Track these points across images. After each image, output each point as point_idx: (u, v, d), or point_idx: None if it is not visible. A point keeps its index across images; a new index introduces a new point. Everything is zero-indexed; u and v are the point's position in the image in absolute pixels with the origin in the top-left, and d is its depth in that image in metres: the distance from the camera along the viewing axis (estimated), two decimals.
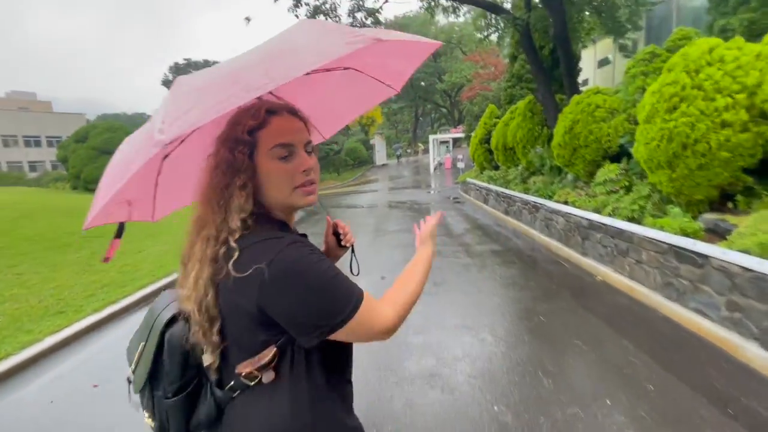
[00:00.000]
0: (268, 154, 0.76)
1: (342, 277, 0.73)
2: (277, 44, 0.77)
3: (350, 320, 0.70)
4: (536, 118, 8.74)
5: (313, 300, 0.69)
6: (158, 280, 4.97)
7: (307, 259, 0.70)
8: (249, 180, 0.75)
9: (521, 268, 5.12)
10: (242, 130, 0.75)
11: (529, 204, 7.30)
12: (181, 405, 0.80)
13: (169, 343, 0.79)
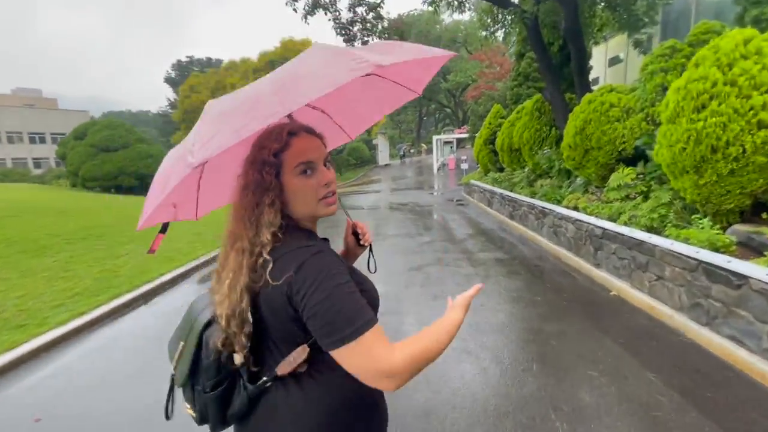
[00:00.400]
0: (293, 172, 0.85)
1: (358, 297, 0.78)
2: (290, 71, 0.86)
3: (356, 338, 0.74)
4: (544, 118, 8.33)
5: (328, 308, 0.74)
6: (136, 288, 4.63)
7: (331, 265, 0.79)
8: (276, 197, 0.84)
9: (528, 280, 4.72)
10: (268, 153, 0.84)
11: (536, 209, 6.89)
12: (218, 398, 0.87)
13: (207, 342, 0.86)
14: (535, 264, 5.39)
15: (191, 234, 7.53)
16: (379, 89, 1.24)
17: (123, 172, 19.23)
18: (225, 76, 29.45)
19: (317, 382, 0.83)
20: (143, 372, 3.05)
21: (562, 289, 4.35)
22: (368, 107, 1.38)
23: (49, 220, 7.92)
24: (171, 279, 5.12)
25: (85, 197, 15.22)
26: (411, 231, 8.03)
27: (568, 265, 5.24)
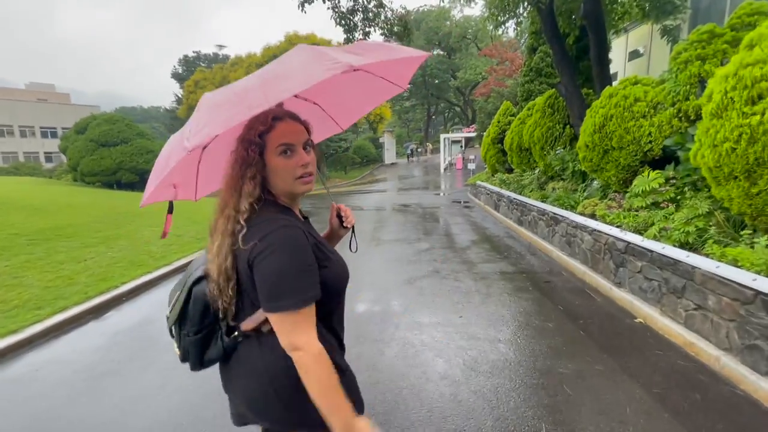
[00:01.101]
0: (274, 152, 0.98)
1: (308, 276, 0.92)
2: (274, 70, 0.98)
3: (285, 311, 0.89)
4: (557, 115, 7.62)
5: (275, 276, 0.89)
6: (88, 300, 4.09)
7: (291, 241, 0.92)
8: (258, 172, 0.98)
9: (537, 300, 4.06)
10: (254, 133, 0.97)
11: (547, 214, 6.21)
12: (198, 343, 1.04)
13: (194, 296, 1.03)
14: (545, 279, 4.72)
15: (170, 236, 6.99)
16: (367, 84, 1.34)
17: (122, 168, 18.90)
18: (230, 72, 29.05)
19: (275, 342, 0.92)
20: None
21: (577, 313, 3.68)
22: (358, 100, 1.46)
23: (19, 218, 7.45)
24: (134, 288, 4.57)
25: (79, 192, 14.86)
26: (410, 236, 7.39)
27: (584, 281, 4.57)
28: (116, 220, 8.24)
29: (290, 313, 0.88)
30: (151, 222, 8.19)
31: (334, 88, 1.30)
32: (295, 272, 0.90)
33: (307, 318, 0.91)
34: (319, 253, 0.99)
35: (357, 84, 1.33)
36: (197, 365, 1.06)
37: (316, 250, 0.98)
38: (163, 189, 1.14)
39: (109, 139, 19.22)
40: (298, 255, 0.91)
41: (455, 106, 42.62)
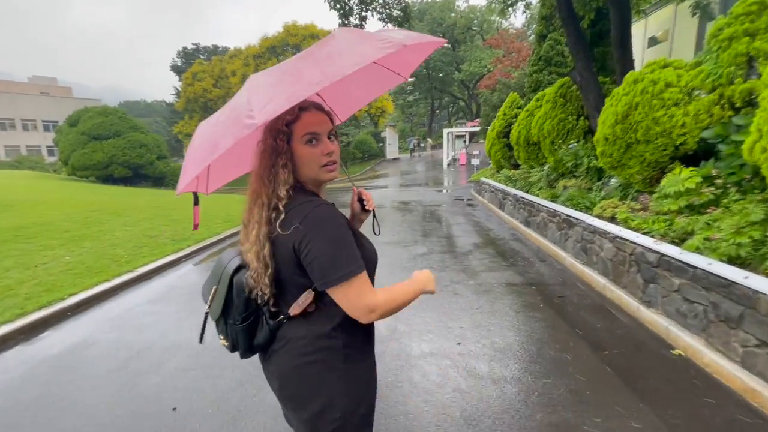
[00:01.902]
0: (300, 141, 1.02)
1: (354, 246, 0.97)
2: (322, 50, 0.97)
3: (348, 279, 0.93)
4: (570, 105, 6.92)
5: (328, 250, 0.93)
6: (23, 316, 3.49)
7: (331, 217, 0.97)
8: (288, 161, 1.01)
9: (550, 321, 3.41)
10: (282, 123, 1.00)
11: (559, 216, 5.54)
12: (246, 329, 1.06)
13: (236, 285, 1.05)
14: (558, 293, 4.07)
15: (144, 237, 6.40)
16: (370, 74, 1.31)
17: (114, 162, 18.36)
18: (228, 64, 28.38)
19: (322, 313, 1.02)
20: None
21: (600, 340, 3.04)
22: (359, 91, 1.47)
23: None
24: (82, 301, 3.98)
25: (65, 187, 14.33)
26: (406, 238, 6.75)
27: (603, 296, 3.91)
28: (91, 217, 7.67)
29: (354, 279, 0.94)
30: (127, 220, 7.61)
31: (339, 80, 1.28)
32: (344, 243, 0.96)
33: (366, 282, 0.97)
34: (355, 235, 1.04)
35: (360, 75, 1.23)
36: (247, 352, 1.10)
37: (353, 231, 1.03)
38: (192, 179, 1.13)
39: (101, 132, 18.66)
40: (340, 229, 0.98)
41: (459, 100, 41.71)
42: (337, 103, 1.42)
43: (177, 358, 2.94)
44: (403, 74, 1.39)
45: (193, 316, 3.69)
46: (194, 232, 6.83)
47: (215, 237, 6.83)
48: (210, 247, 6.46)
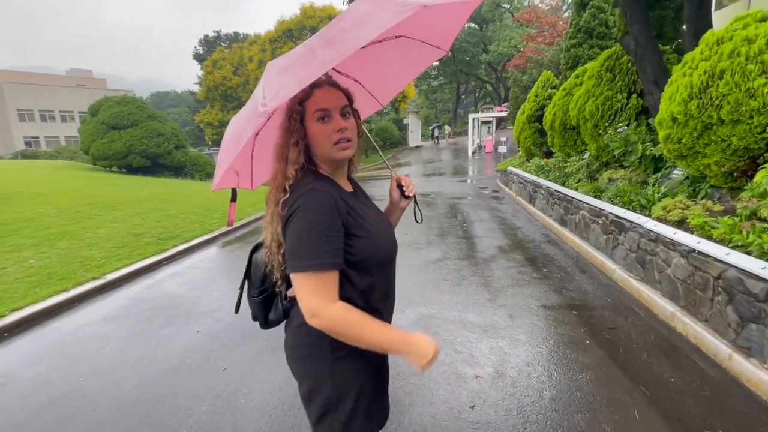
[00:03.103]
0: (312, 118, 0.98)
1: (329, 241, 0.91)
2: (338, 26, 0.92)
3: (304, 271, 0.89)
4: (620, 81, 5.74)
5: (298, 236, 0.91)
6: None
7: (316, 204, 0.92)
8: (300, 139, 0.99)
9: (602, 369, 2.48)
10: (294, 101, 0.99)
11: (605, 216, 4.50)
12: (261, 303, 1.13)
13: (254, 262, 1.12)
14: (608, 322, 3.10)
15: (128, 235, 5.83)
16: (407, 51, 1.28)
17: (132, 151, 18.28)
18: (247, 50, 27.84)
19: None
20: None
21: (680, 410, 2.09)
22: (398, 70, 1.41)
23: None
24: (26, 318, 3.37)
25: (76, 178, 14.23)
26: (419, 239, 5.87)
27: (674, 331, 2.93)
28: (82, 212, 7.22)
29: (306, 275, 0.90)
30: (118, 215, 7.11)
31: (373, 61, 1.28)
32: (317, 234, 0.91)
33: (324, 284, 0.90)
34: (353, 222, 0.98)
35: (397, 52, 1.28)
36: (263, 324, 1.16)
37: (350, 218, 0.97)
38: (229, 175, 1.15)
39: (119, 122, 18.60)
40: (322, 218, 0.92)
41: (486, 83, 39.67)
42: (377, 86, 1.40)
43: (95, 413, 2.24)
44: (442, 47, 1.31)
45: (144, 343, 3.01)
46: (184, 231, 6.24)
47: (207, 235, 6.19)
48: (198, 247, 5.82)
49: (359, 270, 0.98)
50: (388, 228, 1.12)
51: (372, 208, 1.14)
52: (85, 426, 2.15)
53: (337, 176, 1.07)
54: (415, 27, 1.18)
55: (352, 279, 0.98)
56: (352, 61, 1.09)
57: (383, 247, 1.04)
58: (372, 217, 1.06)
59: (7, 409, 2.31)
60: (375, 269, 1.03)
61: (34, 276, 4.10)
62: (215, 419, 2.15)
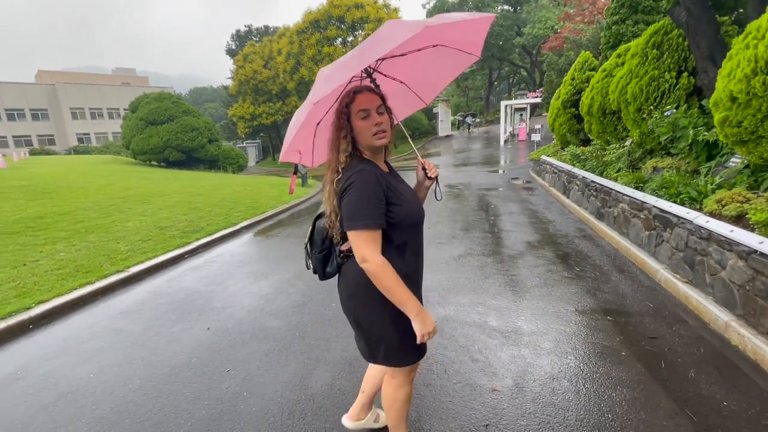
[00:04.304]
0: (356, 117, 1.33)
1: (374, 207, 1.26)
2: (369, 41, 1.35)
3: (357, 229, 1.24)
4: (668, 58, 5.15)
5: (351, 203, 1.26)
6: None
7: (362, 180, 1.27)
8: (348, 133, 1.34)
9: (640, 388, 2.18)
10: (343, 105, 1.34)
11: (648, 210, 4.06)
12: (320, 260, 1.51)
13: (317, 227, 1.51)
14: (649, 331, 2.75)
15: (154, 228, 5.95)
16: (444, 57, 1.65)
17: (168, 146, 19.01)
18: (276, 43, 28.05)
19: None
20: None
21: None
22: (438, 73, 1.76)
23: (12, 204, 6.97)
24: (51, 310, 3.46)
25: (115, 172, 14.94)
26: (442, 232, 5.61)
27: (727, 343, 2.55)
28: (115, 205, 7.50)
29: (360, 231, 1.24)
30: (147, 209, 7.32)
31: (416, 65, 1.63)
32: (365, 202, 1.25)
33: (373, 238, 1.25)
34: (391, 194, 1.32)
35: (436, 58, 1.63)
36: (322, 276, 1.53)
37: (389, 191, 1.32)
38: (291, 152, 1.56)
39: (156, 117, 19.36)
40: (368, 190, 1.26)
41: (521, 68, 37.96)
42: (421, 88, 1.77)
43: (98, 412, 2.21)
44: (474, 53, 1.68)
45: (155, 340, 2.99)
46: (208, 224, 6.31)
47: (230, 228, 6.23)
48: (219, 241, 5.86)
49: (396, 230, 1.34)
50: (416, 198, 1.47)
51: (403, 183, 1.47)
52: (88, 425, 2.13)
53: (376, 159, 1.41)
54: (449, 38, 1.56)
55: (391, 237, 1.34)
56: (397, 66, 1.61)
57: (413, 211, 1.39)
58: (405, 190, 1.42)
59: (19, 405, 2.33)
60: (408, 229, 1.39)
61: (62, 269, 4.25)
62: (212, 426, 2.06)
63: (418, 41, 1.48)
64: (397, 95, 1.65)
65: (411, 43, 1.46)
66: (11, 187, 8.98)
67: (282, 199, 8.78)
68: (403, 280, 1.27)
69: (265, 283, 4.07)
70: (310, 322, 3.16)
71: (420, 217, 1.43)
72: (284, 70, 25.69)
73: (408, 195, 1.40)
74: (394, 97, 1.53)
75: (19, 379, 2.58)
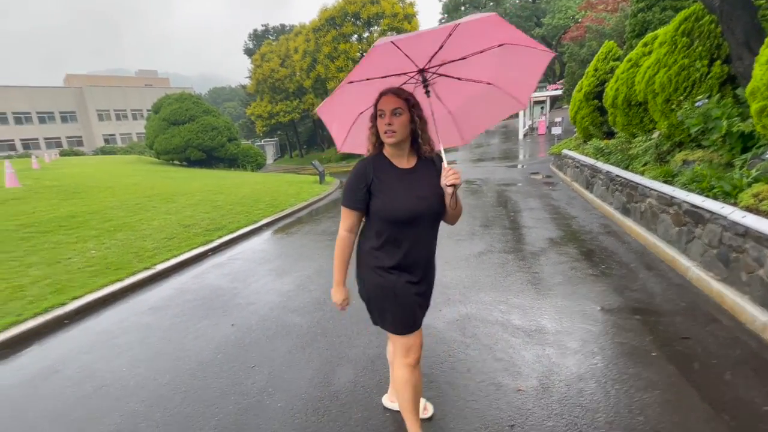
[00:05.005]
0: (378, 115, 1.50)
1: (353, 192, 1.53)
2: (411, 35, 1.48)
3: (342, 206, 1.56)
4: (699, 46, 4.93)
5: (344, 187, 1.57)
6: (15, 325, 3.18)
7: (353, 169, 1.54)
8: (374, 126, 1.53)
9: (672, 391, 2.11)
10: (374, 103, 1.51)
11: (678, 205, 3.91)
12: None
13: None
14: (681, 331, 2.66)
15: (179, 226, 6.12)
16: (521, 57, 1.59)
17: (190, 145, 19.46)
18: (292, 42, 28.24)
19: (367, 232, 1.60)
20: None
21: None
22: (525, 74, 1.70)
23: (46, 204, 7.28)
24: (84, 306, 3.61)
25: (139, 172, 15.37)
26: (461, 229, 5.56)
27: (762, 341, 2.43)
28: (140, 204, 7.74)
29: (342, 207, 1.56)
30: (171, 207, 7.52)
31: (501, 66, 1.63)
32: (348, 186, 1.54)
33: (345, 215, 1.56)
34: (376, 186, 1.50)
35: (513, 60, 1.59)
36: None
37: (376, 182, 1.51)
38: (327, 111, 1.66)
39: (178, 118, 19.83)
40: (353, 177, 1.53)
41: None
42: (514, 88, 1.73)
43: (130, 405, 2.29)
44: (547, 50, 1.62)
45: (182, 335, 3.08)
46: (230, 222, 6.44)
47: (251, 226, 6.34)
48: (241, 238, 5.97)
49: (375, 220, 1.54)
50: (408, 200, 1.50)
51: (407, 182, 1.53)
52: (123, 416, 2.21)
53: (394, 155, 1.55)
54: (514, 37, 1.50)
55: (372, 224, 1.56)
56: (482, 71, 1.66)
57: (390, 207, 1.49)
58: (395, 188, 1.51)
59: (58, 396, 2.44)
60: (385, 222, 1.51)
61: (94, 266, 4.41)
62: (239, 420, 2.11)
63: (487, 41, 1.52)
64: (488, 98, 1.74)
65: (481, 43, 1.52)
66: (45, 187, 9.39)
67: (300, 196, 8.88)
68: (390, 269, 1.53)
69: (287, 280, 4.13)
70: (332, 319, 3.19)
71: (397, 217, 1.49)
72: (301, 68, 25.89)
73: (395, 193, 1.49)
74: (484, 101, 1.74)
75: (58, 372, 2.70)
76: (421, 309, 1.63)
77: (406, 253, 1.53)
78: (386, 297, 1.56)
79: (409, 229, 1.51)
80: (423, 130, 1.52)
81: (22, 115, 42.73)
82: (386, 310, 1.58)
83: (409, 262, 1.55)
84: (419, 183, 1.53)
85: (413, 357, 1.62)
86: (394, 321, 1.59)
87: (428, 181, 1.54)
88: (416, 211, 1.49)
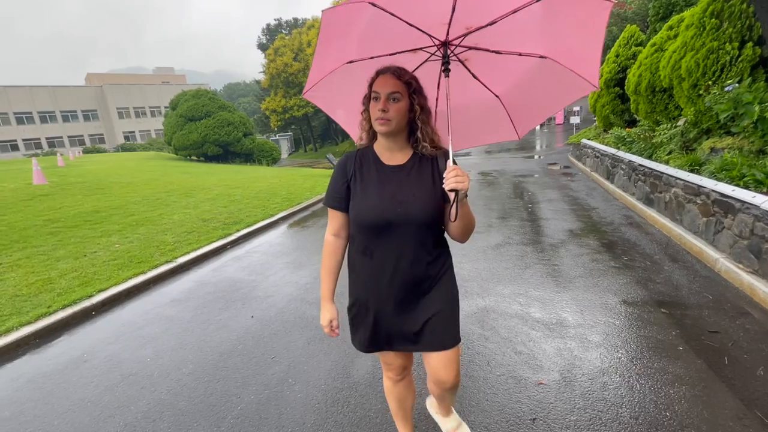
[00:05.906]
0: (372, 97, 1.25)
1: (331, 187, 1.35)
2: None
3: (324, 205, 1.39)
4: (729, 28, 4.70)
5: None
6: (45, 317, 3.31)
7: (338, 162, 1.35)
8: (367, 110, 1.29)
9: (701, 386, 2.05)
10: (369, 83, 1.26)
11: (707, 195, 3.77)
12: None
13: None
14: (709, 325, 2.57)
15: (198, 220, 6.23)
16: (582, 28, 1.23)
17: (207, 141, 19.77)
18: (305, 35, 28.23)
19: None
20: None
21: None
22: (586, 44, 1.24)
23: (71, 200, 7.50)
24: (109, 298, 3.73)
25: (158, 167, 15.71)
26: (477, 220, 5.49)
27: None
28: (161, 199, 7.91)
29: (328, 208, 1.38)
30: (190, 202, 7.66)
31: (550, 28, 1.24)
32: (329, 183, 1.35)
33: (330, 218, 1.37)
34: (354, 183, 1.30)
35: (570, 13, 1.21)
36: None
37: (355, 178, 1.30)
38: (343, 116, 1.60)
39: (194, 114, 20.14)
40: (335, 172, 1.34)
41: None
42: (584, 68, 1.28)
43: (156, 394, 2.36)
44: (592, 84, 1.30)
45: (204, 327, 3.15)
46: (247, 215, 6.53)
47: (268, 219, 6.41)
48: (259, 231, 6.04)
49: (352, 221, 1.32)
50: (380, 203, 1.24)
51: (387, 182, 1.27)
52: (148, 405, 2.27)
53: (384, 148, 1.31)
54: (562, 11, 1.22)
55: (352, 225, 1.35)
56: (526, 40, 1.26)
57: (355, 210, 1.28)
58: (369, 187, 1.27)
59: (88, 385, 2.53)
60: (358, 225, 1.29)
61: (118, 259, 4.54)
62: (261, 410, 2.14)
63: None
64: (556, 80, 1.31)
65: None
66: (70, 183, 9.69)
67: (315, 190, 8.92)
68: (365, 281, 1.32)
69: (304, 273, 4.16)
70: None
71: (363, 220, 1.25)
72: None
73: (370, 192, 1.25)
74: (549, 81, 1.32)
75: (86, 361, 2.79)
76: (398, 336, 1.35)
77: (384, 264, 1.27)
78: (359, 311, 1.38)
79: (380, 239, 1.25)
80: (424, 122, 1.25)
81: (47, 114, 44.12)
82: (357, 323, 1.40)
83: (392, 278, 1.27)
84: (405, 184, 1.25)
85: (393, 373, 1.51)
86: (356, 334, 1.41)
87: (418, 183, 1.25)
88: (385, 218, 1.21)
